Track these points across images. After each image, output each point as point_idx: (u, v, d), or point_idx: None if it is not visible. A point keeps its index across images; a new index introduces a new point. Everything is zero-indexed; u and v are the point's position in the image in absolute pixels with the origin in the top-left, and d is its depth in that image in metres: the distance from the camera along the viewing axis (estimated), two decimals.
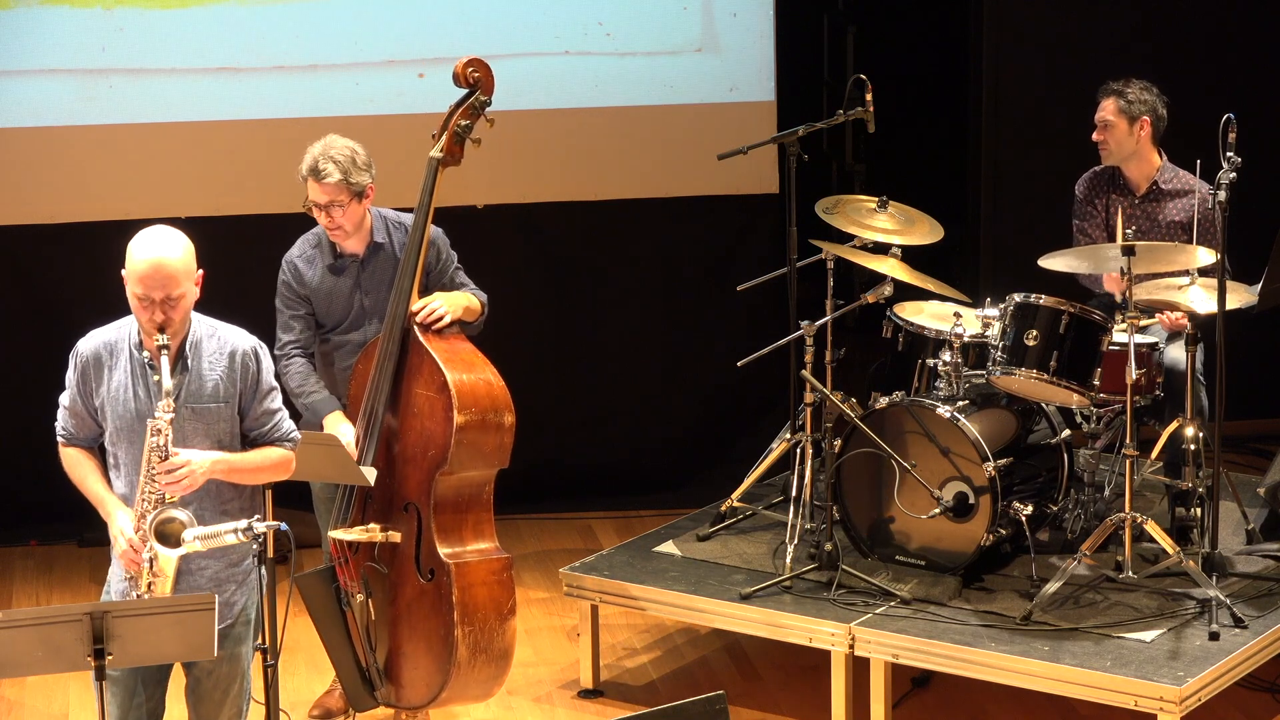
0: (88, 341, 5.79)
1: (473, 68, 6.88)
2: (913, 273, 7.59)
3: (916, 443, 7.32)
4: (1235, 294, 7.23)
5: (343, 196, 6.86)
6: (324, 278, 7.02)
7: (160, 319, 5.61)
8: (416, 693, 6.80)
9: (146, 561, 5.62)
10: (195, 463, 5.64)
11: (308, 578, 6.82)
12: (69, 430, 5.84)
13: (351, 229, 6.94)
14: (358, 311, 7.03)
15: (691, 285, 9.35)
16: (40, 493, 8.78)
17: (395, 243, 6.99)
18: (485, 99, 6.88)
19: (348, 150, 6.86)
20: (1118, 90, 7.79)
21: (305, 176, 6.88)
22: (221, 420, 5.76)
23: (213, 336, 5.77)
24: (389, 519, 6.78)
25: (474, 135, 6.87)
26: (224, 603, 5.79)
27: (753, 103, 9.12)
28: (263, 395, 5.81)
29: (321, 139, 6.91)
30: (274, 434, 5.85)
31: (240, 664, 5.87)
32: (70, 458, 5.86)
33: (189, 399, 5.71)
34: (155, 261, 5.60)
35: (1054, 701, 6.97)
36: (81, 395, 5.78)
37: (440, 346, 6.75)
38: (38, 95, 8.72)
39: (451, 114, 6.88)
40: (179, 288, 5.61)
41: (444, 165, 6.84)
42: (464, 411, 6.65)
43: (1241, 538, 7.60)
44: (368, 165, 6.88)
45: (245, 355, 5.78)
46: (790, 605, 7.17)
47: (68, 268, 8.86)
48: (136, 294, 5.63)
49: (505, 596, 6.76)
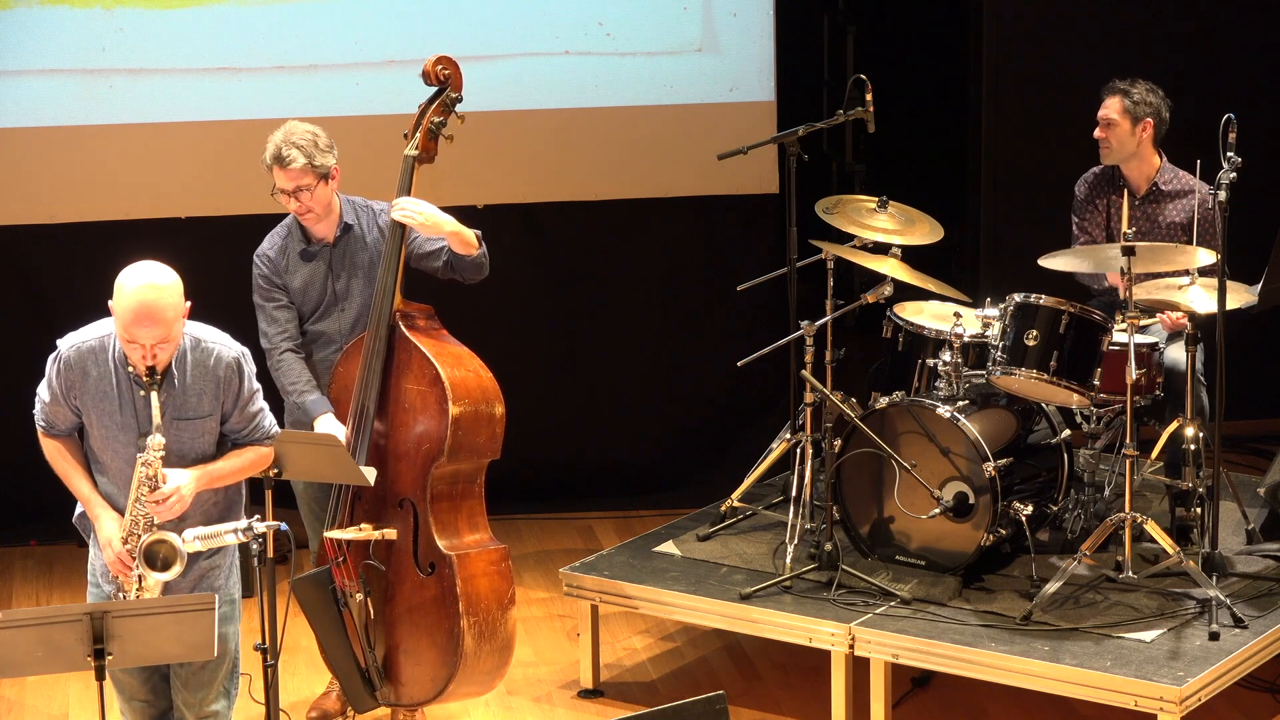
0: (71, 349, 5.81)
1: (442, 65, 6.95)
2: (913, 273, 7.59)
3: (916, 443, 7.32)
4: (1235, 294, 7.22)
5: (309, 180, 6.90)
6: (297, 265, 7.06)
7: (150, 361, 5.64)
8: (420, 689, 6.81)
9: (135, 578, 5.70)
10: (184, 487, 5.74)
11: (303, 582, 6.82)
12: (48, 421, 5.89)
13: (322, 211, 6.99)
14: (330, 297, 7.06)
15: (691, 285, 9.34)
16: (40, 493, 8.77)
17: (364, 224, 7.06)
18: (456, 95, 6.97)
19: (309, 134, 6.92)
20: (1123, 90, 7.77)
21: (270, 165, 6.93)
22: (205, 433, 5.86)
23: (197, 348, 5.80)
24: (383, 516, 6.80)
25: (446, 132, 6.93)
26: (208, 587, 5.85)
27: (753, 103, 9.11)
28: (244, 403, 5.89)
29: (281, 127, 6.96)
30: (255, 434, 5.95)
31: (227, 644, 5.89)
32: (51, 449, 5.92)
33: (175, 413, 5.78)
34: (147, 310, 5.61)
35: (1054, 701, 6.97)
36: (64, 395, 5.82)
37: (428, 341, 6.79)
38: (38, 95, 8.72)
39: (424, 112, 6.94)
40: (169, 333, 5.65)
41: (419, 163, 6.92)
42: (458, 403, 6.68)
43: (1241, 538, 7.60)
44: (329, 147, 6.94)
45: (229, 367, 5.84)
46: (790, 605, 7.17)
47: (68, 268, 8.86)
48: (125, 337, 5.64)
49: (505, 586, 6.79)
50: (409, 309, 6.87)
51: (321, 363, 7.07)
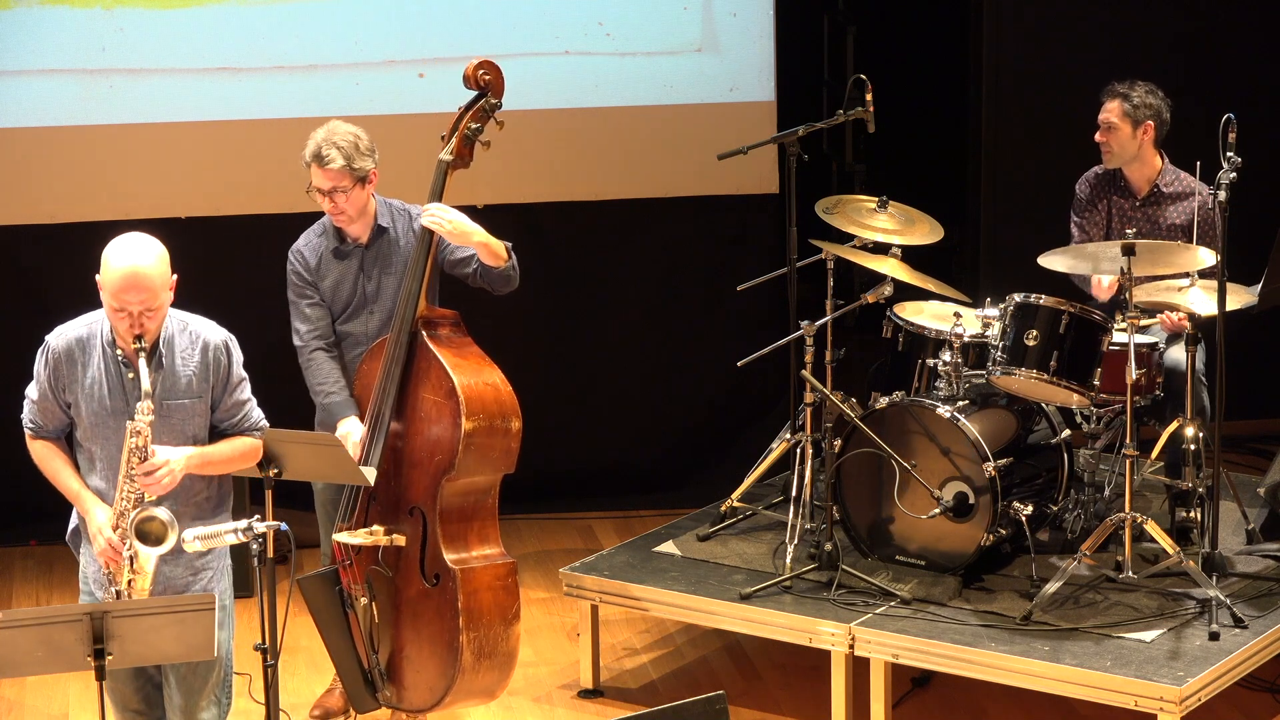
0: (58, 337, 5.84)
1: (484, 70, 6.88)
2: (913, 273, 7.59)
3: (916, 443, 7.32)
4: (1235, 295, 7.22)
5: (346, 182, 6.87)
6: (329, 264, 7.03)
7: (138, 329, 5.65)
8: (420, 696, 6.80)
9: (127, 559, 5.68)
10: (174, 462, 5.72)
11: (311, 579, 6.82)
12: (36, 422, 5.89)
13: (355, 214, 6.95)
14: (360, 298, 7.03)
15: (691, 285, 9.34)
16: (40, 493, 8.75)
17: (399, 228, 7.02)
18: (496, 101, 6.89)
19: (350, 136, 6.88)
20: (1123, 93, 7.75)
21: (309, 162, 6.89)
22: (195, 415, 5.84)
23: (184, 331, 5.82)
24: (394, 522, 6.78)
25: (483, 138, 6.88)
26: (201, 589, 5.85)
27: (753, 103, 9.11)
28: (233, 388, 5.88)
29: (325, 125, 6.93)
30: (243, 424, 5.93)
31: (220, 650, 5.88)
32: (39, 451, 5.91)
33: (164, 395, 5.78)
34: (131, 273, 5.63)
35: (1054, 701, 6.97)
36: (53, 390, 5.82)
37: (448, 351, 6.74)
38: (38, 95, 8.72)
39: (461, 116, 6.88)
40: (156, 299, 5.66)
41: (453, 168, 6.87)
42: (472, 417, 6.64)
43: (1241, 538, 7.60)
44: (370, 150, 6.89)
45: (217, 349, 5.84)
46: (790, 605, 7.17)
47: (68, 268, 8.85)
48: (113, 305, 5.66)
49: (510, 601, 6.75)
50: (433, 315, 6.83)
51: (350, 364, 7.04)
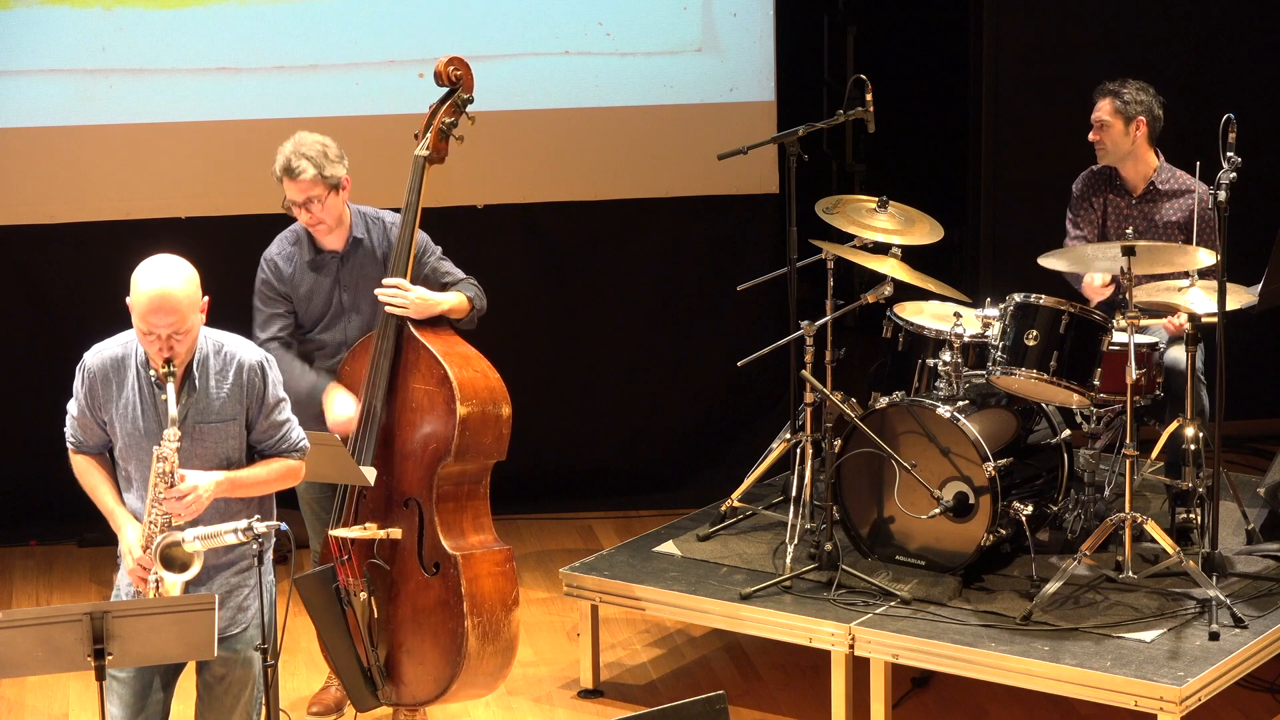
0: (95, 356, 5.75)
1: (454, 66, 6.94)
2: (913, 273, 7.59)
3: (916, 443, 7.32)
4: (1235, 295, 7.22)
5: (319, 191, 6.88)
6: (304, 274, 7.03)
7: (167, 353, 5.58)
8: (423, 688, 6.81)
9: (153, 583, 5.61)
10: (201, 486, 5.61)
11: (307, 579, 6.82)
12: (77, 438, 5.81)
13: (333, 223, 6.96)
14: (336, 308, 7.04)
15: (691, 285, 9.34)
16: (40, 493, 8.79)
17: (374, 238, 7.02)
18: (467, 96, 6.96)
19: (319, 145, 6.89)
20: (1114, 91, 7.78)
21: (280, 177, 6.90)
22: (230, 438, 5.73)
23: (219, 353, 5.73)
24: (388, 515, 6.80)
25: (457, 132, 6.92)
26: (236, 608, 5.79)
27: (753, 103, 9.11)
28: (270, 409, 5.77)
29: (291, 138, 6.93)
30: (282, 445, 5.82)
31: (253, 669, 5.82)
32: (80, 465, 5.83)
33: (197, 418, 5.68)
34: (160, 296, 5.55)
35: (1054, 701, 6.97)
36: (90, 409, 5.74)
37: (436, 341, 6.79)
38: (38, 95, 8.72)
39: (435, 112, 6.93)
40: (185, 322, 5.57)
41: (430, 163, 6.90)
42: (466, 403, 6.68)
43: (1241, 538, 7.60)
44: (340, 157, 6.91)
45: (252, 370, 5.74)
46: (790, 605, 7.17)
47: (68, 268, 8.86)
48: (142, 328, 5.59)
49: (509, 587, 6.79)
50: None
51: (329, 371, 7.03)
